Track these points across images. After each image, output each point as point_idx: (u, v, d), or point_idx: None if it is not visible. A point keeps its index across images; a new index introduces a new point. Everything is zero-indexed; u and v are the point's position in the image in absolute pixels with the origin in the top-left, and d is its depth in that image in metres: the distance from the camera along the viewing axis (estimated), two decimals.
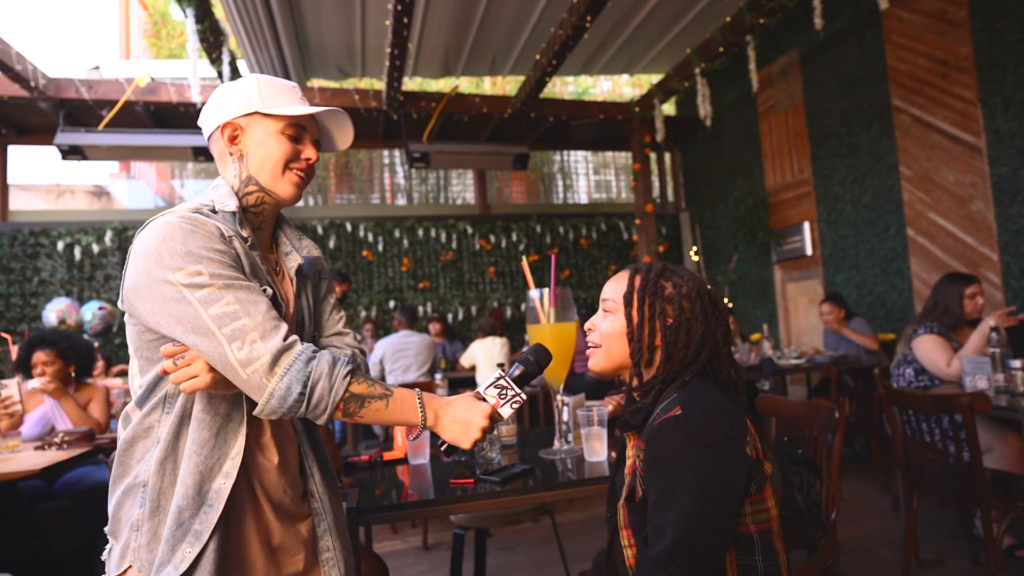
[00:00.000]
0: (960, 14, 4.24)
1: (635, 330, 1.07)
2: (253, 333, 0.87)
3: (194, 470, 0.92)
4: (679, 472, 0.92)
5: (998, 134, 4.03)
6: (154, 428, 0.96)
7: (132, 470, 0.96)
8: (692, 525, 0.89)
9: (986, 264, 4.15)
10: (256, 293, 0.92)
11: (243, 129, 1.03)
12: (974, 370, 2.74)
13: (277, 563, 1.01)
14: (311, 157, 1.05)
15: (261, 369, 0.87)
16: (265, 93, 1.02)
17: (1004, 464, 2.58)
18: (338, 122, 1.10)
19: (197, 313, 0.87)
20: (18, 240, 6.24)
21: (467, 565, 2.36)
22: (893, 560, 2.73)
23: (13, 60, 4.61)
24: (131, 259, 0.94)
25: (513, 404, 1.06)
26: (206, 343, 0.88)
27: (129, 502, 0.95)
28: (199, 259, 0.89)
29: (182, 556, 0.89)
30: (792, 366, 4.31)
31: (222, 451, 0.95)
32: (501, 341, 5.01)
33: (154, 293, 0.89)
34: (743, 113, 6.70)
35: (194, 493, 0.91)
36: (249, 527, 0.98)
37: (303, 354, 0.90)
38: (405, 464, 1.91)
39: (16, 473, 2.35)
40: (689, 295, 1.08)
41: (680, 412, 0.95)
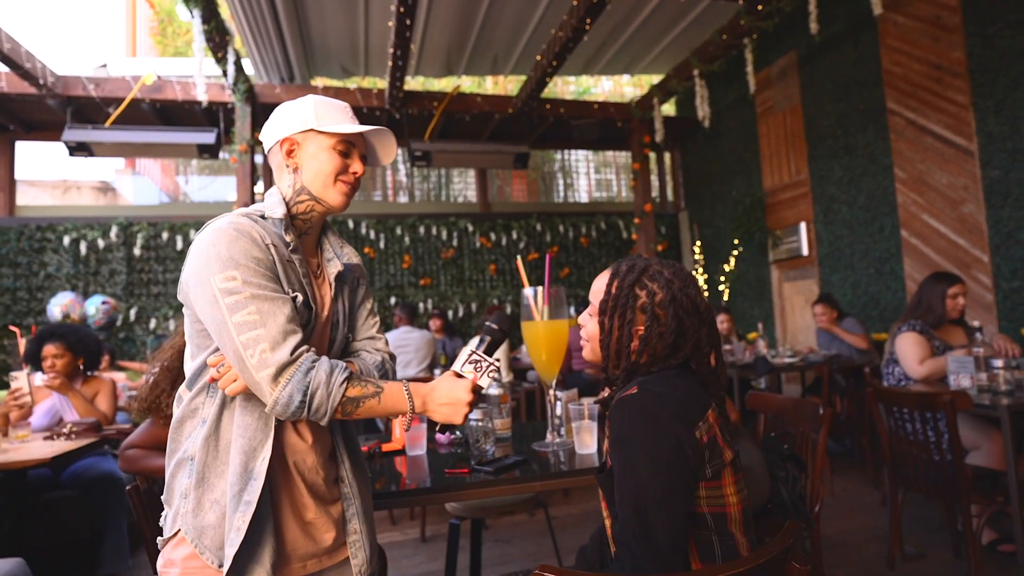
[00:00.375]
0: (954, 19, 4.30)
1: (606, 336, 1.15)
2: (264, 344, 0.98)
3: (240, 450, 1.04)
4: (633, 445, 1.00)
5: (990, 137, 4.10)
6: (199, 410, 1.08)
7: (182, 445, 1.09)
8: (646, 496, 0.96)
9: (977, 266, 4.21)
10: (279, 304, 1.02)
11: (299, 144, 1.14)
12: (958, 369, 2.80)
13: (310, 536, 1.12)
14: (358, 171, 1.16)
15: (267, 378, 0.97)
16: (320, 112, 1.13)
17: (989, 461, 2.64)
18: (382, 140, 1.22)
19: (223, 318, 0.99)
20: (25, 235, 6.33)
21: (463, 557, 2.43)
22: (878, 554, 2.80)
23: (22, 58, 4.69)
24: (188, 256, 1.06)
25: (490, 374, 1.14)
26: (226, 344, 1.00)
27: (180, 473, 1.07)
28: (237, 265, 1.00)
29: (239, 524, 1.00)
30: (786, 365, 4.38)
31: (264, 433, 1.06)
32: None
33: (198, 290, 1.02)
34: (741, 114, 6.77)
35: (241, 470, 1.03)
36: (285, 501, 1.09)
37: (303, 365, 0.99)
38: (403, 455, 1.98)
39: (27, 461, 2.44)
40: (663, 303, 1.11)
41: (636, 391, 1.04)
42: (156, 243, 6.69)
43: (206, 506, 1.04)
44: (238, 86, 5.34)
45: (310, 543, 1.12)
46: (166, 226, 6.71)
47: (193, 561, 1.04)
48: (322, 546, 1.14)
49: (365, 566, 1.17)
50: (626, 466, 1.00)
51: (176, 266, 6.72)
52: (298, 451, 1.12)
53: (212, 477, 1.05)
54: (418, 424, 2.03)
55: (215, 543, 1.03)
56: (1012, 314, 3.99)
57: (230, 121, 5.82)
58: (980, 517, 2.43)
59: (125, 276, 6.55)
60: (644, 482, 0.97)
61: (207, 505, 1.04)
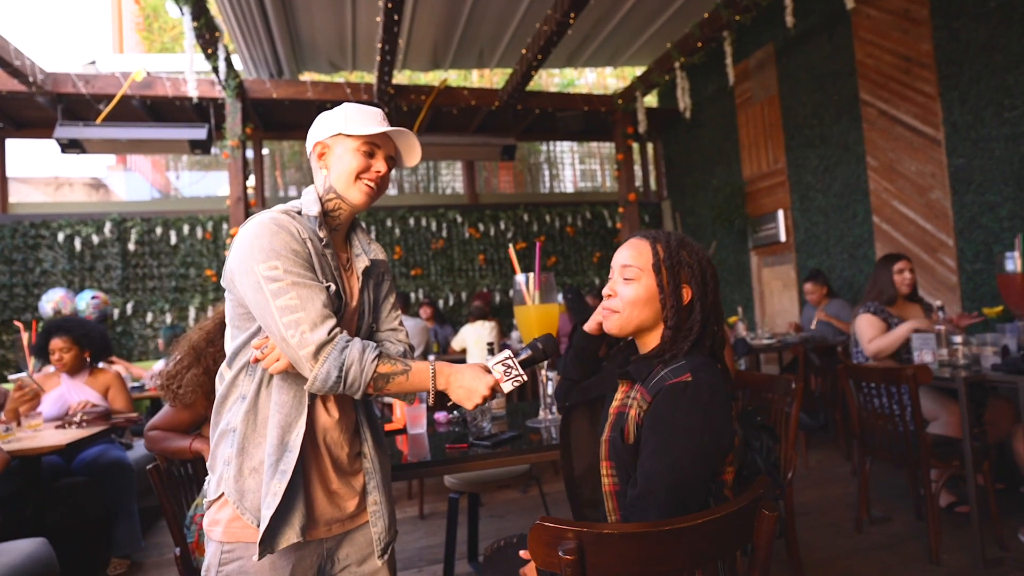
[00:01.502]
0: (922, 12, 4.48)
1: (668, 296, 1.16)
2: (305, 325, 1.08)
3: (277, 425, 1.15)
4: (681, 431, 1.03)
5: (955, 127, 4.30)
6: (240, 387, 1.20)
7: (224, 418, 1.20)
8: (682, 475, 1.02)
9: (943, 249, 4.43)
10: (317, 291, 1.12)
11: (329, 147, 1.25)
12: (921, 345, 3.00)
13: (334, 504, 1.24)
14: (380, 170, 1.25)
15: (308, 355, 1.07)
16: (350, 117, 1.24)
17: (947, 430, 2.84)
18: (406, 142, 1.30)
19: (267, 302, 1.09)
20: (19, 232, 6.36)
21: (461, 532, 2.60)
22: (848, 519, 3.01)
23: (12, 56, 4.73)
24: (233, 247, 1.17)
25: (514, 382, 1.20)
26: (271, 326, 1.10)
27: (223, 443, 1.19)
28: (279, 256, 1.11)
29: (276, 489, 1.12)
30: (764, 346, 4.58)
31: (298, 410, 1.17)
32: (490, 325, 5.25)
33: (243, 278, 1.12)
34: (721, 105, 6.94)
35: (278, 442, 1.14)
36: (313, 472, 1.21)
37: (338, 344, 1.09)
38: (404, 434, 2.12)
39: (43, 448, 2.57)
40: (701, 263, 1.19)
41: (691, 379, 1.07)
42: (150, 238, 6.75)
43: (246, 472, 1.15)
44: (228, 82, 5.40)
45: (335, 510, 1.23)
46: (159, 221, 6.77)
47: (235, 521, 1.16)
48: (345, 512, 1.25)
49: (384, 534, 1.28)
50: (665, 447, 1.04)
51: (170, 260, 6.78)
52: (326, 428, 1.22)
53: (251, 447, 1.16)
54: (418, 405, 2.17)
55: (254, 505, 1.15)
56: (974, 294, 4.21)
57: (221, 116, 5.88)
58: (938, 482, 2.64)
59: (120, 271, 6.61)
60: (683, 465, 1.02)
61: (247, 472, 1.15)
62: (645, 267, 1.18)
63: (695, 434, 1.03)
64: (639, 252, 1.19)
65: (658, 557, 0.88)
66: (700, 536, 0.90)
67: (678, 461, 1.02)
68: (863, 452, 2.86)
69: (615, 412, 1.19)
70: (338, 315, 1.20)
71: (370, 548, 1.29)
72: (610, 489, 1.17)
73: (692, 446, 1.02)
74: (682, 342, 1.14)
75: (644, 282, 1.17)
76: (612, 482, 1.16)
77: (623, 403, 1.18)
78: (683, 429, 1.03)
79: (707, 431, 1.03)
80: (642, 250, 1.19)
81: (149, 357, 6.54)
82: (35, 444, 2.61)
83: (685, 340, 1.14)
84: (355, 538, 1.28)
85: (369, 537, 1.28)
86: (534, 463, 2.38)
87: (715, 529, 0.91)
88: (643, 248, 1.20)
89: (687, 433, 1.03)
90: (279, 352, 1.13)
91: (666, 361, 1.14)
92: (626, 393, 1.19)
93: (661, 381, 1.10)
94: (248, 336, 1.19)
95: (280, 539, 1.13)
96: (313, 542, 1.21)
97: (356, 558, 1.28)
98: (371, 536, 1.28)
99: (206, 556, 1.20)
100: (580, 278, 8.07)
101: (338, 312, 1.21)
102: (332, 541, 1.25)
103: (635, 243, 1.22)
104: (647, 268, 1.17)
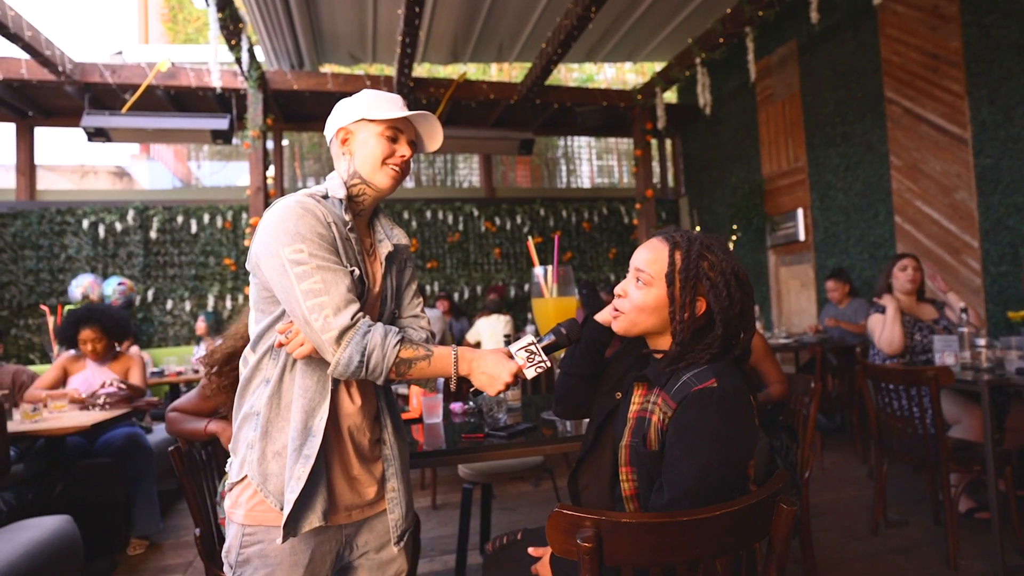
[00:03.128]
0: (951, 9, 4.40)
1: (677, 310, 1.13)
2: (328, 309, 1.08)
3: (301, 409, 1.15)
4: (708, 438, 1.02)
5: (983, 126, 4.22)
6: (263, 370, 1.20)
7: (248, 401, 1.20)
8: (709, 482, 1.01)
9: (967, 251, 4.36)
10: (341, 275, 1.12)
11: (352, 133, 1.25)
12: (943, 347, 2.95)
13: (355, 490, 1.24)
14: (405, 154, 1.25)
15: (331, 340, 1.07)
16: (371, 103, 1.23)
17: (968, 435, 2.80)
18: (428, 126, 1.29)
19: (292, 285, 1.09)
20: (46, 218, 6.50)
21: (473, 523, 2.61)
22: (863, 521, 2.97)
23: (42, 46, 4.81)
24: (259, 230, 1.16)
25: (538, 368, 1.17)
26: (295, 309, 1.10)
27: (247, 427, 1.19)
28: (304, 239, 1.11)
29: (299, 474, 1.12)
30: (781, 345, 4.54)
31: (321, 395, 1.17)
32: (504, 319, 5.26)
33: (268, 261, 1.12)
34: (742, 102, 6.87)
35: (301, 427, 1.14)
36: (335, 458, 1.21)
37: (361, 329, 1.09)
38: (420, 423, 2.13)
39: (68, 428, 2.64)
40: (724, 275, 1.13)
41: (716, 384, 1.05)
42: (171, 227, 6.85)
43: (269, 456, 1.15)
44: (251, 73, 5.45)
45: (355, 496, 1.23)
46: (180, 210, 6.86)
47: (258, 505, 1.15)
48: (365, 499, 1.25)
49: (401, 521, 1.28)
50: (693, 454, 1.03)
51: (191, 249, 6.88)
52: (349, 413, 1.22)
53: (274, 431, 1.16)
54: (435, 395, 2.18)
55: (277, 489, 1.14)
56: (999, 297, 4.14)
57: (242, 107, 5.94)
58: (958, 487, 2.59)
59: (142, 258, 6.72)
60: (711, 471, 1.01)
61: (270, 456, 1.15)
62: (658, 275, 1.15)
63: (722, 440, 1.02)
64: (655, 258, 1.16)
65: (675, 547, 0.88)
66: (718, 527, 0.90)
67: (706, 467, 1.01)
68: (880, 454, 2.83)
69: (635, 417, 1.17)
70: (361, 300, 1.20)
71: (388, 535, 1.29)
72: (630, 493, 1.16)
73: (720, 452, 1.02)
74: (701, 353, 1.11)
75: (655, 290, 1.15)
76: (632, 486, 1.15)
77: (643, 408, 1.16)
78: (711, 435, 1.02)
79: (733, 436, 1.03)
80: (659, 256, 1.16)
81: (169, 343, 6.65)
82: (60, 424, 2.67)
83: (705, 351, 1.11)
84: (374, 525, 1.28)
85: (387, 524, 1.29)
86: (548, 455, 2.39)
87: (733, 521, 0.91)
88: (661, 254, 1.16)
89: (715, 439, 1.02)
90: (303, 336, 1.13)
91: (688, 365, 1.11)
92: (644, 397, 1.17)
93: (685, 387, 1.08)
94: (272, 320, 1.19)
95: (303, 523, 1.14)
96: (333, 528, 1.22)
97: (375, 545, 1.29)
98: (388, 523, 1.28)
99: (227, 538, 1.21)
100: (596, 274, 8.05)
101: (361, 297, 1.20)
102: (351, 527, 1.26)
103: (654, 245, 1.19)
104: (660, 277, 1.15)
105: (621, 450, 1.17)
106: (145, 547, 3.03)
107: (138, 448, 3.13)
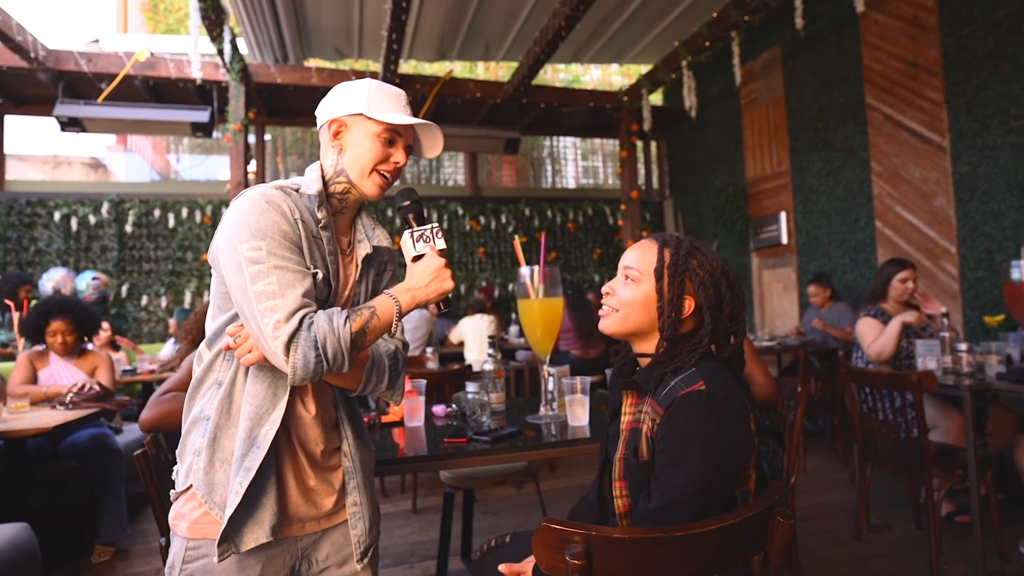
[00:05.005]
0: (930, 19, 4.46)
1: (665, 305, 1.11)
2: (280, 314, 0.99)
3: (247, 417, 1.07)
4: (696, 442, 0.99)
5: (961, 134, 4.28)
6: (216, 372, 1.12)
7: (198, 404, 1.13)
8: (699, 489, 0.97)
9: (945, 256, 4.42)
10: (299, 277, 1.04)
11: (347, 126, 1.16)
12: (925, 352, 2.98)
13: (311, 501, 1.16)
14: (399, 161, 1.17)
15: (281, 347, 0.98)
16: (373, 98, 1.14)
17: (948, 439, 2.82)
18: (429, 133, 1.21)
19: (245, 285, 1.01)
20: (15, 210, 6.30)
21: (455, 527, 2.56)
22: (846, 526, 2.99)
23: (13, 31, 4.66)
24: (222, 222, 1.09)
25: (437, 236, 1.17)
26: (245, 310, 1.02)
27: (195, 431, 1.11)
28: (264, 236, 1.03)
29: (238, 486, 1.05)
30: (763, 348, 4.56)
31: (271, 403, 1.09)
32: (489, 319, 5.21)
33: (226, 255, 1.05)
34: (727, 105, 6.91)
35: (245, 436, 1.06)
36: (288, 468, 1.14)
37: (304, 325, 1.00)
38: (401, 427, 2.06)
39: (28, 430, 2.49)
40: (715, 275, 1.13)
41: (704, 388, 1.02)
42: (148, 220, 6.68)
43: (216, 465, 1.08)
44: (233, 65, 5.34)
45: (311, 507, 1.16)
46: (158, 204, 6.70)
47: (203, 517, 1.08)
48: (322, 510, 1.18)
49: (364, 536, 1.21)
50: (680, 459, 1.00)
51: (168, 243, 6.73)
52: (301, 423, 1.15)
53: (223, 438, 1.09)
54: (416, 397, 2.13)
55: (223, 500, 1.07)
56: (976, 302, 4.20)
57: (224, 100, 5.81)
58: (940, 491, 2.62)
59: (117, 252, 6.55)
60: (699, 477, 0.98)
61: (217, 464, 1.08)
62: (647, 271, 1.14)
63: (711, 445, 0.99)
64: (644, 255, 1.16)
65: (669, 564, 0.85)
66: (712, 542, 0.87)
67: (694, 473, 0.98)
68: (864, 458, 2.84)
69: (628, 428, 1.14)
70: (328, 303, 1.13)
71: (350, 549, 1.22)
72: (624, 510, 1.12)
73: (708, 457, 0.98)
74: (690, 354, 1.09)
75: (643, 286, 1.14)
76: (625, 503, 1.12)
77: (635, 418, 1.13)
78: (698, 440, 0.99)
79: (723, 441, 0.99)
80: (648, 253, 1.16)
81: (143, 340, 6.49)
82: (21, 426, 2.53)
83: (693, 352, 1.09)
84: (334, 537, 1.21)
85: (349, 537, 1.22)
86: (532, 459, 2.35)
87: (728, 536, 0.88)
88: (649, 251, 1.16)
89: (703, 444, 0.99)
90: (253, 342, 1.04)
91: (675, 370, 1.09)
92: (635, 407, 1.15)
93: (673, 392, 1.05)
94: (229, 317, 1.11)
95: (247, 538, 1.07)
96: (286, 540, 1.15)
97: (336, 560, 1.21)
98: (350, 537, 1.22)
99: (170, 553, 1.13)
100: (580, 274, 8.05)
101: (327, 300, 1.13)
102: (308, 540, 1.18)
103: (644, 244, 1.18)
104: (648, 272, 1.14)
105: (615, 464, 1.14)
106: (111, 554, 2.90)
107: (105, 450, 3.00)
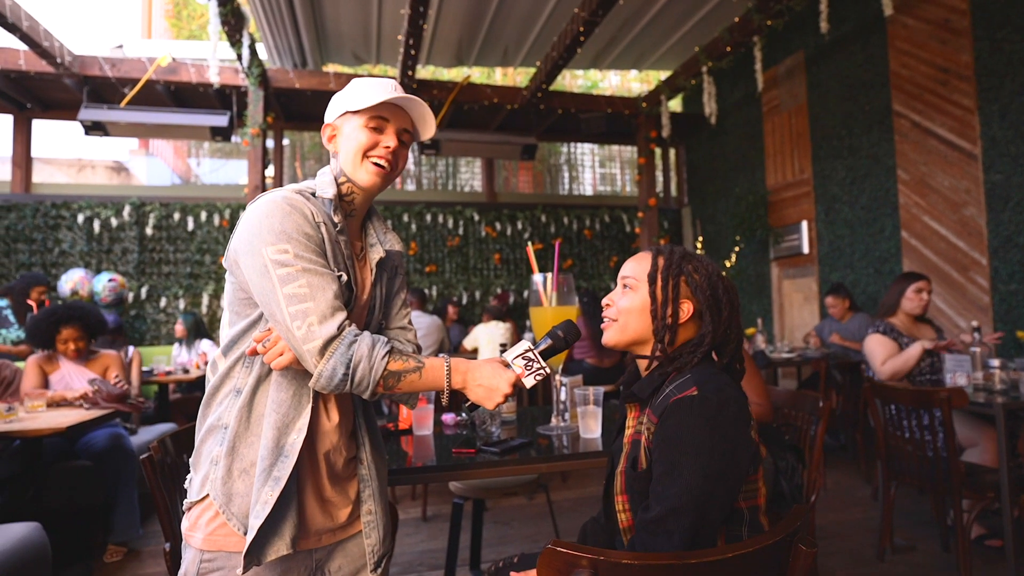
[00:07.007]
0: (963, 23, 4.34)
1: (659, 308, 1.11)
2: (313, 317, 0.99)
3: (273, 426, 1.05)
4: (690, 450, 0.96)
5: (994, 141, 4.14)
6: (234, 379, 1.10)
7: (215, 412, 1.10)
8: (696, 498, 0.94)
9: (975, 268, 4.27)
10: (328, 279, 1.03)
11: (338, 128, 1.16)
12: (955, 367, 2.86)
13: (327, 512, 1.15)
14: (390, 144, 1.14)
15: (314, 350, 0.98)
16: (355, 92, 1.14)
17: (981, 458, 2.69)
18: (418, 112, 1.18)
19: (274, 289, 1.00)
20: (41, 211, 6.41)
21: (464, 536, 2.51)
22: (869, 545, 2.87)
23: (41, 37, 4.75)
24: (239, 226, 1.07)
25: (537, 376, 1.10)
26: (275, 314, 1.00)
27: (211, 440, 1.09)
28: (289, 239, 1.01)
29: (267, 497, 1.02)
30: (783, 359, 4.45)
31: (296, 411, 1.07)
32: (505, 326, 5.16)
33: (248, 260, 1.03)
34: (747, 112, 6.81)
35: (273, 445, 1.04)
36: (307, 478, 1.11)
37: (346, 339, 1.00)
38: (410, 435, 2.03)
39: (44, 430, 2.52)
40: (710, 281, 1.13)
41: (696, 392, 1.00)
42: (168, 223, 6.76)
43: (235, 474, 1.06)
44: (251, 70, 5.38)
45: (327, 519, 1.15)
46: (177, 207, 6.78)
47: (219, 528, 1.06)
48: (337, 522, 1.16)
49: (378, 546, 1.20)
50: (675, 469, 0.97)
51: (187, 246, 6.80)
52: (324, 432, 1.13)
53: (242, 447, 1.07)
54: (426, 405, 2.09)
55: (242, 511, 1.05)
56: (1008, 316, 4.05)
57: (243, 104, 5.87)
58: (970, 512, 2.50)
59: (137, 255, 6.63)
60: (694, 487, 0.95)
61: (236, 473, 1.06)
62: (641, 277, 1.15)
63: (705, 451, 0.95)
64: (639, 264, 1.17)
65: None
66: (729, 571, 0.81)
67: (690, 481, 0.94)
68: (888, 476, 2.73)
69: (629, 441, 1.12)
70: (349, 308, 1.11)
71: (364, 560, 1.19)
72: (626, 525, 1.09)
73: (703, 465, 0.95)
74: (687, 358, 1.09)
75: (640, 293, 1.15)
76: (628, 517, 1.09)
77: (636, 430, 1.11)
78: (692, 447, 0.96)
79: (718, 447, 0.96)
80: (643, 262, 1.17)
81: (161, 342, 6.55)
82: (36, 426, 2.55)
83: (693, 353, 1.09)
84: (348, 548, 1.19)
85: (363, 547, 1.19)
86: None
87: (744, 563, 0.82)
88: (644, 260, 1.18)
89: (697, 451, 0.96)
90: (284, 345, 1.03)
91: (672, 378, 1.08)
92: (637, 419, 1.13)
93: (667, 398, 1.03)
94: (248, 324, 1.09)
95: (269, 550, 1.04)
96: (302, 553, 1.12)
97: (349, 570, 1.18)
98: (364, 547, 1.19)
99: (183, 564, 1.10)
100: (596, 282, 7.97)
101: (348, 305, 1.11)
102: (322, 551, 1.16)
103: (640, 255, 1.20)
104: (643, 279, 1.15)
105: (617, 478, 1.12)
106: (123, 554, 2.92)
107: (120, 450, 3.02)
